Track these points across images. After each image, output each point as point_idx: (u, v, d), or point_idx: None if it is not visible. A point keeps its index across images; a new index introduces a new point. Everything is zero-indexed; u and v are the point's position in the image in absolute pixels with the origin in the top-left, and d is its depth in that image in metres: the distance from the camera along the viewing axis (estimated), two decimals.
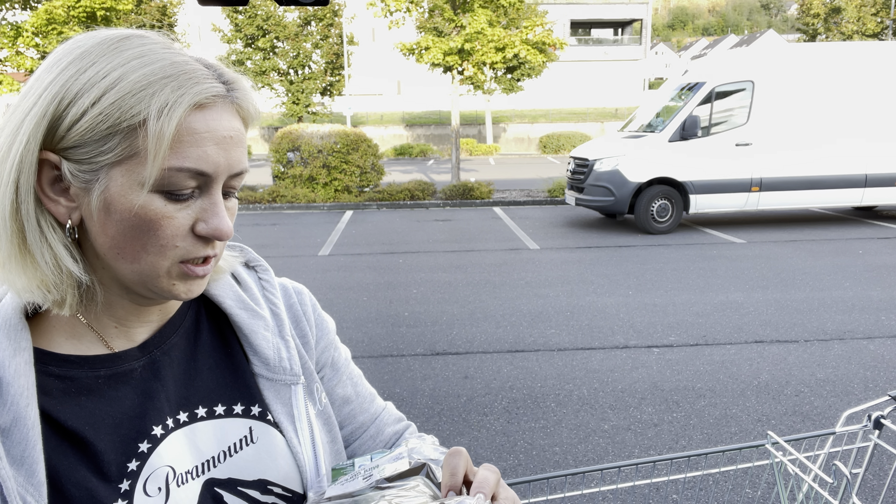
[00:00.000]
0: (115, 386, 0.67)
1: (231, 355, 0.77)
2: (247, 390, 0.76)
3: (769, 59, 9.82)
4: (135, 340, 0.71)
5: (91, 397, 0.66)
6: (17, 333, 0.63)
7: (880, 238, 9.01)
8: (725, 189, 9.71)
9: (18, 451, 0.59)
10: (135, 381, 0.69)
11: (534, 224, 10.75)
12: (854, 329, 5.17)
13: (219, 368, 0.76)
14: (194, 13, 36.98)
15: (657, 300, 6.08)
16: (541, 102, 39.97)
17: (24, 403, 0.60)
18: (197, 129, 0.61)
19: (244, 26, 23.78)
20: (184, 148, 0.60)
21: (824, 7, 32.58)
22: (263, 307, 0.81)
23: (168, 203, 0.62)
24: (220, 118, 0.63)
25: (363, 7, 14.60)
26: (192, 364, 0.74)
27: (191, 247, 0.64)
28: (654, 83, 56.71)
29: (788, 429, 3.55)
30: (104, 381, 0.67)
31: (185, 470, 0.68)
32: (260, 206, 13.01)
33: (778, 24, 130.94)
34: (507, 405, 3.94)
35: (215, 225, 0.64)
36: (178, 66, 0.61)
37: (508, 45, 13.77)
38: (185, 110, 0.60)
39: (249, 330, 0.77)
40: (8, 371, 0.61)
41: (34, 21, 13.51)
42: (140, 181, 0.60)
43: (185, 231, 0.63)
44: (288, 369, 0.78)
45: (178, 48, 0.65)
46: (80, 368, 0.66)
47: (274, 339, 0.79)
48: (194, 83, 0.61)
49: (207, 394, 0.73)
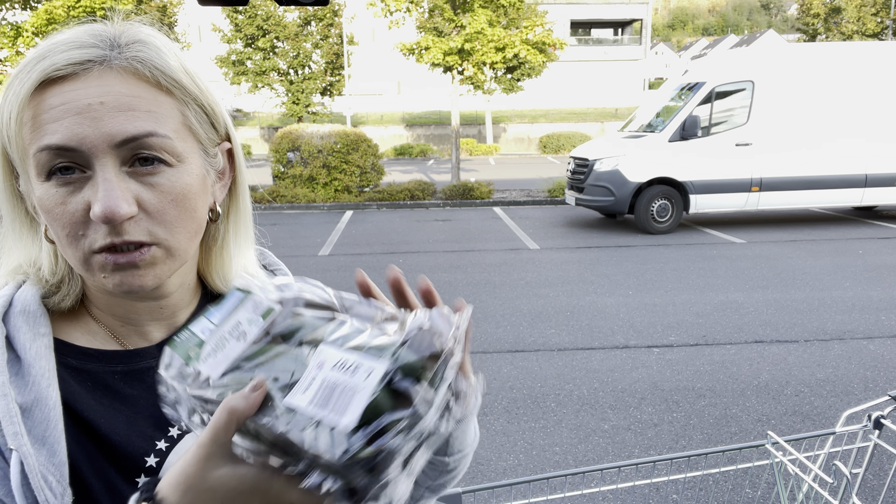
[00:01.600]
0: (130, 383, 0.67)
1: None
2: None
3: (769, 59, 9.82)
4: (150, 339, 0.71)
5: (107, 392, 0.66)
6: (35, 319, 0.64)
7: (880, 238, 9.01)
8: (725, 189, 9.71)
9: (40, 431, 0.59)
10: (150, 380, 0.68)
11: (534, 224, 10.75)
12: (854, 329, 5.17)
13: None
14: (194, 13, 36.98)
15: (657, 300, 6.08)
16: (541, 102, 39.95)
17: (45, 384, 0.61)
18: (52, 103, 0.58)
19: (244, 26, 23.76)
20: (42, 126, 0.58)
21: (824, 7, 32.58)
22: None
23: (58, 188, 0.59)
24: (86, 87, 0.58)
25: (363, 7, 14.59)
26: None
27: (94, 233, 0.59)
28: (654, 83, 56.70)
29: (788, 429, 3.55)
30: (120, 377, 0.67)
31: None
32: (260, 206, 13.01)
33: (778, 24, 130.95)
34: (507, 405, 3.94)
35: (100, 206, 0.57)
36: (43, 48, 0.60)
37: (508, 45, 13.77)
38: (29, 89, 0.58)
39: None
40: (29, 353, 0.62)
41: (34, 21, 13.51)
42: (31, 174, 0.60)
43: (82, 217, 0.59)
44: None
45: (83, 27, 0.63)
46: (98, 362, 0.67)
47: None
48: (44, 59, 0.58)
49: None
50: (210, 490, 0.49)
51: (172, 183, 0.62)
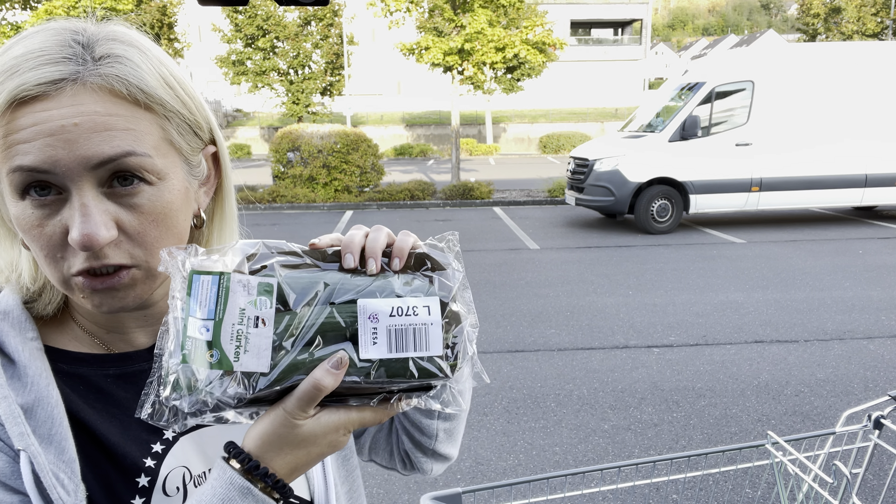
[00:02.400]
0: (123, 386, 0.67)
1: None
2: None
3: (769, 59, 9.82)
4: (136, 345, 0.70)
5: (100, 396, 0.65)
6: (21, 325, 0.63)
7: (880, 238, 9.00)
8: (725, 189, 9.71)
9: (45, 430, 0.58)
10: (142, 383, 0.67)
11: (534, 224, 10.75)
12: (854, 329, 5.17)
13: None
14: (194, 13, 36.98)
15: (657, 300, 6.08)
16: (541, 102, 39.95)
17: (44, 384, 0.60)
18: (23, 124, 0.54)
19: (244, 26, 23.76)
20: (14, 146, 0.54)
21: (824, 7, 32.58)
22: None
23: (34, 209, 0.57)
24: (59, 107, 0.54)
25: (363, 7, 14.59)
26: None
27: (72, 257, 0.57)
28: (654, 83, 56.71)
29: (788, 429, 3.55)
30: (112, 381, 0.66)
31: (198, 473, 0.68)
32: (260, 206, 13.01)
33: (778, 24, 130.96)
34: (507, 405, 3.94)
35: (77, 232, 0.55)
36: (12, 58, 0.56)
37: (508, 45, 13.77)
38: (1, 109, 0.54)
39: None
40: (23, 355, 0.61)
41: (34, 21, 13.50)
42: (5, 192, 0.58)
43: (60, 240, 0.57)
44: None
45: (53, 31, 0.58)
46: (89, 366, 0.66)
47: None
48: (14, 76, 0.54)
49: None
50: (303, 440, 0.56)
51: (153, 203, 0.59)
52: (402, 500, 2.97)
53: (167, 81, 0.60)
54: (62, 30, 0.58)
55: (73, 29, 0.59)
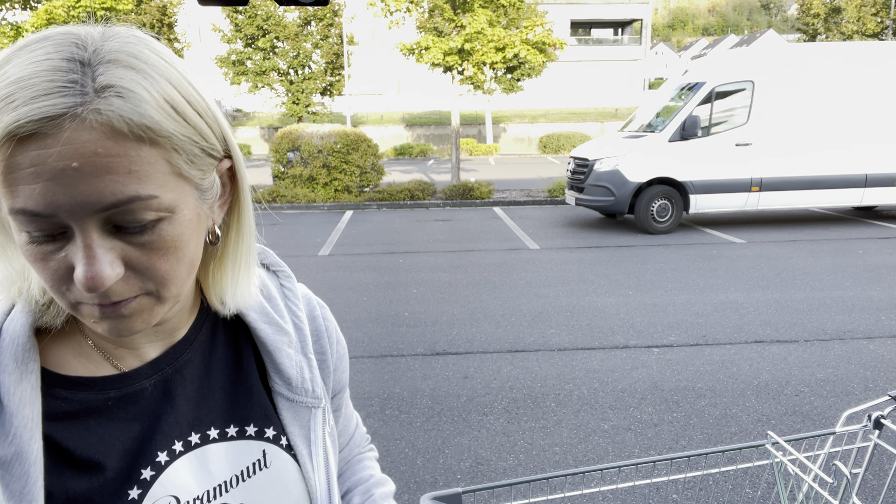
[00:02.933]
0: (125, 407, 0.64)
1: (246, 371, 0.72)
2: (261, 410, 0.72)
3: (769, 59, 9.82)
4: (145, 358, 0.67)
5: (101, 419, 0.62)
6: (25, 354, 0.60)
7: (880, 238, 9.01)
8: (725, 189, 9.72)
9: (18, 487, 0.57)
10: (145, 401, 0.65)
11: (534, 224, 10.75)
12: (854, 329, 5.17)
13: (232, 386, 0.71)
14: (194, 13, 36.98)
15: (657, 300, 6.08)
16: (541, 102, 39.98)
17: (27, 436, 0.58)
18: (20, 163, 0.50)
19: (244, 26, 23.77)
20: (14, 186, 0.51)
21: (824, 7, 32.58)
22: (287, 320, 0.76)
23: (39, 245, 0.54)
24: (56, 147, 0.50)
25: (363, 7, 14.60)
26: (205, 382, 0.70)
27: (79, 294, 0.55)
28: (654, 83, 56.71)
29: (788, 429, 3.55)
30: (114, 403, 0.64)
31: (193, 497, 0.65)
32: (260, 206, 12.88)
33: (778, 24, 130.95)
34: (507, 405, 3.94)
35: (82, 275, 0.53)
36: (14, 85, 0.50)
37: (508, 45, 13.77)
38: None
39: (274, 347, 0.73)
40: (13, 400, 0.58)
41: (34, 21, 13.51)
42: (8, 221, 0.55)
43: (65, 274, 0.54)
44: (310, 391, 0.74)
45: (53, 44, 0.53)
46: (89, 391, 0.63)
47: (297, 357, 0.74)
48: (11, 107, 0.50)
49: (220, 414, 0.69)
50: None
51: (162, 238, 0.56)
52: (402, 500, 2.97)
53: (177, 108, 0.55)
54: (64, 43, 0.53)
55: (75, 42, 0.53)
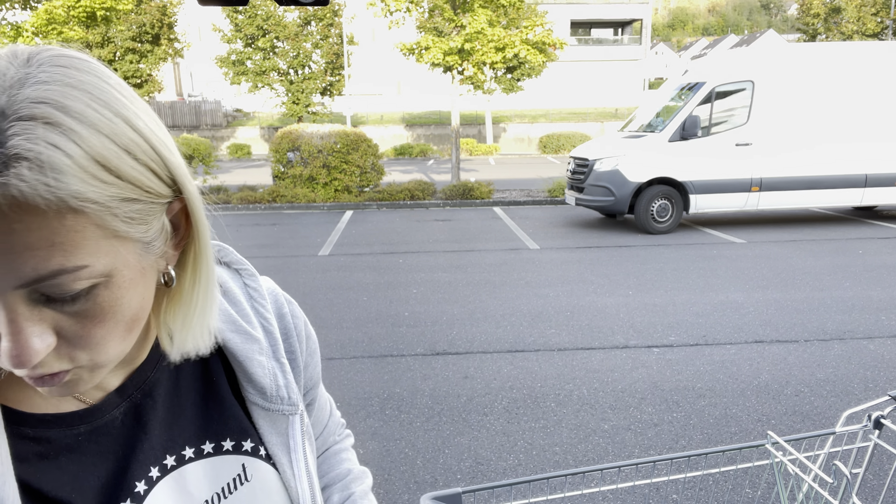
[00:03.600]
0: (96, 440, 0.59)
1: (217, 384, 0.69)
2: (236, 423, 0.68)
3: (769, 59, 9.82)
4: (108, 387, 0.62)
5: (73, 456, 0.58)
6: None
7: (880, 238, 9.01)
8: (725, 189, 9.72)
9: None
10: (116, 431, 0.61)
11: (534, 224, 10.75)
12: (854, 329, 5.17)
13: (204, 401, 0.67)
14: (194, 13, 36.98)
15: (657, 300, 6.08)
16: (541, 102, 39.96)
17: (0, 482, 0.52)
18: None
19: (244, 26, 23.78)
20: None
21: (824, 7, 32.58)
22: (256, 325, 0.71)
23: None
24: None
25: (363, 7, 14.60)
26: (175, 400, 0.66)
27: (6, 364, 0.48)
28: (654, 83, 56.71)
29: (788, 429, 3.55)
30: (85, 438, 0.59)
31: None
32: (260, 206, 13.01)
33: (778, 24, 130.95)
34: (507, 405, 3.94)
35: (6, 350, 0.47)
36: None
37: (508, 45, 13.77)
38: None
39: (244, 357, 0.68)
40: None
41: (34, 21, 13.50)
42: None
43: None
44: (286, 398, 0.70)
45: None
46: (57, 428, 0.58)
47: (269, 364, 0.70)
48: None
49: (195, 431, 0.66)
50: None
51: (98, 305, 0.49)
52: (402, 500, 2.97)
53: (108, 166, 0.47)
54: None
55: None
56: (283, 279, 6.99)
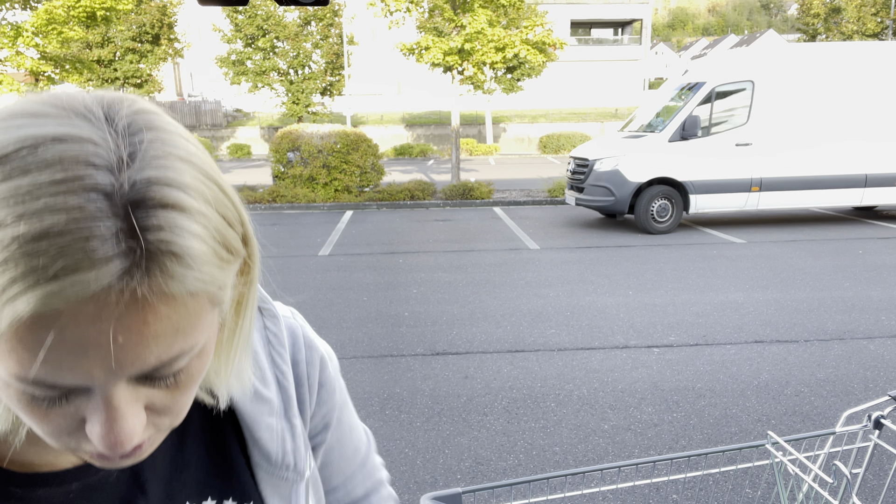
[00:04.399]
0: (88, 497, 0.56)
1: (223, 441, 0.65)
2: (239, 484, 0.65)
3: (769, 59, 9.82)
4: None
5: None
6: None
7: (880, 238, 9.01)
8: (725, 189, 9.72)
9: None
10: (109, 489, 0.57)
11: (534, 224, 10.75)
12: (854, 329, 5.17)
13: (209, 456, 0.64)
14: (194, 13, 36.99)
15: (657, 300, 6.08)
16: (541, 102, 39.96)
17: None
18: (40, 338, 0.38)
19: (244, 26, 23.78)
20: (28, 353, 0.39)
21: (824, 7, 32.60)
22: (270, 381, 0.67)
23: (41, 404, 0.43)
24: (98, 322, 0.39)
25: (363, 7, 14.60)
26: (178, 456, 0.62)
27: (86, 445, 0.45)
28: (654, 83, 56.73)
29: (788, 429, 3.55)
30: (76, 496, 0.56)
31: None
32: (260, 206, 13.01)
33: (778, 24, 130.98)
34: (507, 405, 3.94)
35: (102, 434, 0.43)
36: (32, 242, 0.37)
37: (508, 45, 13.77)
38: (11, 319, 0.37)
39: (252, 419, 0.64)
40: None
41: (34, 21, 13.50)
42: None
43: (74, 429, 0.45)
44: (291, 465, 0.67)
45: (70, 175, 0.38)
46: (48, 486, 0.55)
47: (279, 426, 0.66)
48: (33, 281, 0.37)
49: (196, 487, 0.63)
50: None
51: (190, 375, 0.47)
52: (403, 500, 2.97)
53: (225, 242, 0.44)
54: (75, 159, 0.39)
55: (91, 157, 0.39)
56: (283, 279, 6.99)
